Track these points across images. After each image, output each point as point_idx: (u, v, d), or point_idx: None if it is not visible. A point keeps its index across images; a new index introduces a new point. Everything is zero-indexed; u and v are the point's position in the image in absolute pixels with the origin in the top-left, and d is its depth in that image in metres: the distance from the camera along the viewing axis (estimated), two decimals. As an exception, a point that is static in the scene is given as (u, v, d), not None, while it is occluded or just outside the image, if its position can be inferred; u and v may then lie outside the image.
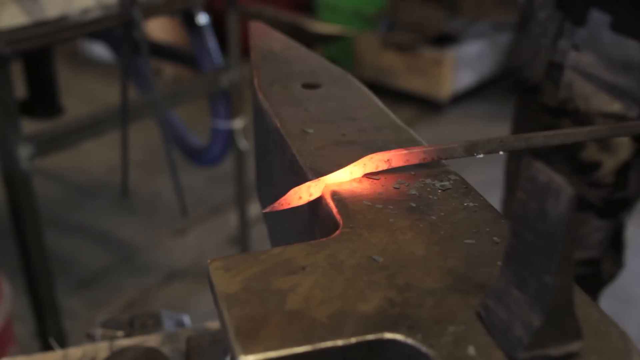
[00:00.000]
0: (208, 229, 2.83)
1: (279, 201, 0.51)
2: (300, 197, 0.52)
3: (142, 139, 3.00)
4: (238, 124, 2.33)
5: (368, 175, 0.55)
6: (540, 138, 0.58)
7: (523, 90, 1.10)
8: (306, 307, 0.39)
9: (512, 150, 0.58)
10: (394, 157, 0.55)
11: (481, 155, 0.56)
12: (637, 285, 2.41)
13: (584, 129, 0.60)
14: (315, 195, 0.52)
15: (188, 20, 2.20)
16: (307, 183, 0.52)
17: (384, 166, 0.54)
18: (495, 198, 0.55)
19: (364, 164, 0.54)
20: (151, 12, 1.91)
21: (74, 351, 0.77)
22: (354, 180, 0.54)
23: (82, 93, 3.77)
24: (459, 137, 3.56)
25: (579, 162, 1.05)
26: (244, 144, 2.35)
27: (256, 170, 0.79)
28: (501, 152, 0.57)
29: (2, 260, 2.27)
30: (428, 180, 0.54)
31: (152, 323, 0.83)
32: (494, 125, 3.80)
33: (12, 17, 1.58)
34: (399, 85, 4.02)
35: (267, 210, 0.52)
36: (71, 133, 1.83)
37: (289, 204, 0.51)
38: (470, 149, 0.56)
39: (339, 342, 0.37)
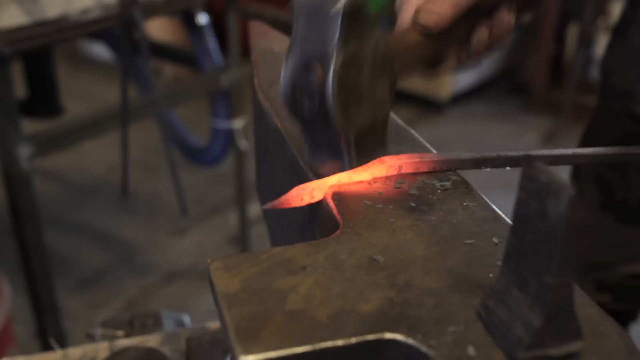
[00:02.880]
0: (208, 229, 2.83)
1: (280, 199, 0.51)
2: (302, 199, 0.52)
3: (142, 139, 3.00)
4: (238, 124, 2.32)
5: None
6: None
7: (612, 95, 1.08)
8: (306, 307, 0.39)
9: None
10: (405, 164, 0.55)
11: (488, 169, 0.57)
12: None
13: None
14: (318, 197, 0.52)
15: (188, 20, 2.20)
16: (311, 184, 0.52)
17: (393, 172, 0.54)
18: (495, 198, 0.55)
19: (374, 168, 0.54)
20: (151, 12, 1.91)
21: (74, 351, 0.77)
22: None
23: (82, 93, 3.77)
24: (459, 137, 3.57)
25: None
26: (244, 144, 2.35)
27: (256, 170, 0.79)
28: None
29: (2, 260, 2.26)
30: (428, 180, 0.54)
31: (152, 323, 0.83)
32: (494, 125, 3.80)
33: (12, 17, 1.58)
34: (399, 85, 4.01)
35: (268, 207, 0.52)
36: (71, 133, 1.83)
37: (290, 203, 0.51)
38: (484, 162, 0.57)
39: (339, 342, 0.37)
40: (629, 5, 1.05)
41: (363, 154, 0.53)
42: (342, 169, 0.53)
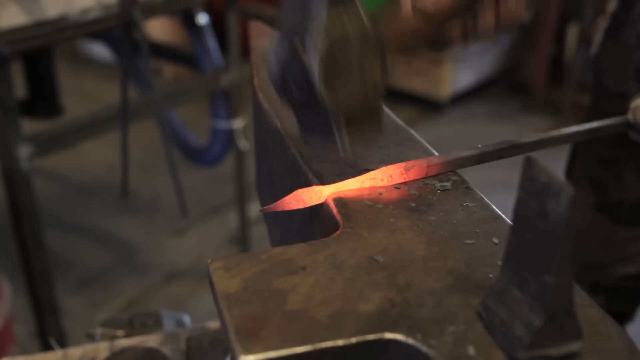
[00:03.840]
0: (208, 229, 2.83)
1: (278, 202, 0.51)
2: (300, 202, 0.51)
3: (142, 139, 3.00)
4: (238, 124, 2.33)
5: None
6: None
7: (606, 95, 1.08)
8: (306, 307, 0.39)
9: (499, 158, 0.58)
10: (413, 171, 0.54)
11: None
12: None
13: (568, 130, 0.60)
14: (317, 202, 0.52)
15: (188, 20, 2.20)
16: (310, 189, 0.52)
17: (400, 179, 0.54)
18: (495, 198, 0.55)
19: (381, 179, 0.53)
20: (151, 12, 1.91)
21: (74, 351, 0.77)
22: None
23: (82, 93, 3.77)
24: (459, 137, 3.57)
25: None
26: (244, 144, 2.35)
27: (256, 170, 0.79)
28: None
29: (2, 260, 2.27)
30: (428, 180, 0.54)
31: (152, 323, 0.83)
32: (494, 125, 3.80)
33: (12, 17, 1.58)
34: (399, 85, 4.02)
35: (265, 209, 0.52)
36: (71, 133, 1.83)
37: (288, 207, 0.51)
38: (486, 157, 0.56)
39: (340, 342, 0.37)
40: (621, 5, 1.05)
41: (356, 135, 0.52)
42: (337, 150, 0.52)
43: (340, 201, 0.50)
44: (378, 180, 0.53)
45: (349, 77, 0.50)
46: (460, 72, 3.94)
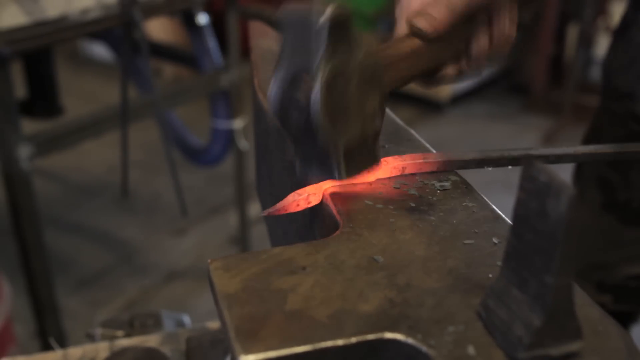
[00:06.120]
0: (208, 229, 2.83)
1: (277, 205, 0.51)
2: (298, 204, 0.52)
3: (142, 139, 3.00)
4: (238, 124, 2.32)
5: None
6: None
7: (614, 96, 1.08)
8: (306, 307, 0.39)
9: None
10: (409, 166, 0.55)
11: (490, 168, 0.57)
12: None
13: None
14: (315, 202, 0.52)
15: (188, 20, 2.20)
16: (307, 189, 0.52)
17: (396, 173, 0.54)
18: (495, 198, 0.55)
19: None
20: (151, 12, 1.91)
21: (74, 351, 0.77)
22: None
23: (82, 93, 3.77)
24: (459, 138, 3.57)
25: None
26: (244, 144, 2.35)
27: (256, 170, 0.79)
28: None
29: (2, 260, 2.27)
30: (428, 181, 0.54)
31: (152, 323, 0.83)
32: (494, 125, 3.80)
33: (12, 17, 1.58)
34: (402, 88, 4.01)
35: (266, 213, 0.52)
36: (71, 133, 1.83)
37: (287, 209, 0.51)
38: (486, 161, 0.56)
39: (339, 342, 0.37)
40: (631, 5, 1.05)
41: (353, 168, 0.52)
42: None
43: (340, 201, 0.50)
44: (377, 173, 0.53)
45: (348, 109, 0.50)
46: (461, 81, 3.94)
